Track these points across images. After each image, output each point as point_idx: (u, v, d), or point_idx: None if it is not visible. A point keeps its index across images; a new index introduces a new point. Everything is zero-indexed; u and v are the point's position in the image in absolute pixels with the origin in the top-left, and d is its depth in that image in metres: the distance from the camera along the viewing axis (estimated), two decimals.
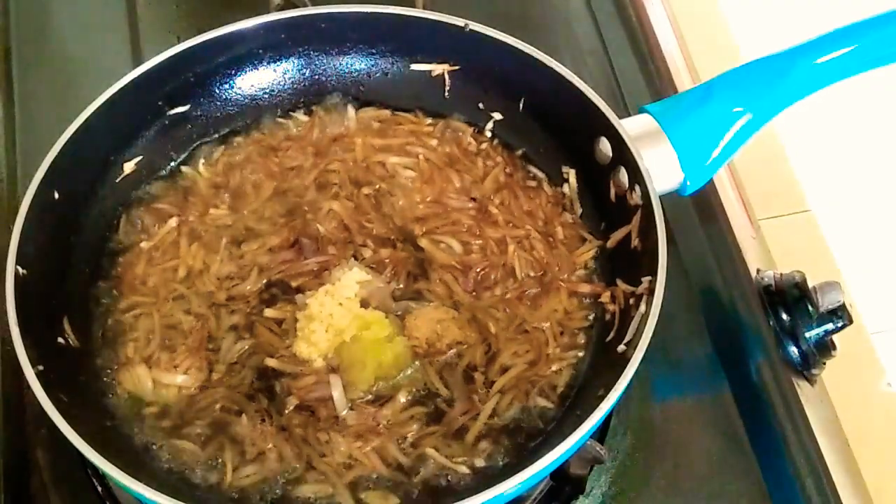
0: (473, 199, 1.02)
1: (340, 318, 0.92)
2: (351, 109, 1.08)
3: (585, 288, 0.96)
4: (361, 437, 0.88)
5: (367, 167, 1.04)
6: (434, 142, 1.06)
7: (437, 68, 1.07)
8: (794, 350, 0.99)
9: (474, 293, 0.96)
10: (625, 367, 0.82)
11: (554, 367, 0.92)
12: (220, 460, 0.87)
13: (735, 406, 1.00)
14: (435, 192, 1.03)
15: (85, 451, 0.79)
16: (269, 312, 0.95)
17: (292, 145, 1.06)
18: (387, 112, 1.08)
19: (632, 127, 0.96)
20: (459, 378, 0.91)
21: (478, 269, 0.97)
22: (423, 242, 0.99)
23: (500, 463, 0.87)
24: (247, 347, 0.93)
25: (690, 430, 0.99)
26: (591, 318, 0.95)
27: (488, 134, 1.07)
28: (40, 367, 0.82)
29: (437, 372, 0.91)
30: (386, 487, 0.86)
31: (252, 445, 0.87)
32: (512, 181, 1.04)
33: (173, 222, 1.00)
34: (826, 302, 0.95)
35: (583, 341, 0.94)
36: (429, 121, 1.08)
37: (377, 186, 1.03)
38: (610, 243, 0.97)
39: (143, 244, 0.99)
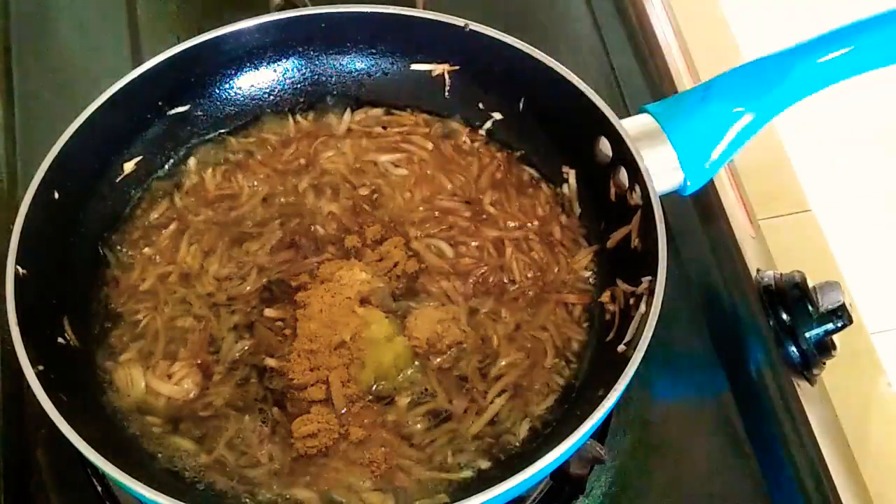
0: (468, 202, 1.02)
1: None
2: (350, 109, 1.08)
3: (572, 298, 0.96)
4: (362, 438, 0.88)
5: (360, 167, 1.04)
6: (428, 141, 1.06)
7: (437, 68, 1.07)
8: (794, 350, 0.99)
9: (474, 298, 0.96)
10: (625, 367, 0.82)
11: (552, 374, 0.92)
12: (219, 461, 0.87)
13: (735, 406, 0.99)
14: (429, 192, 1.03)
15: (85, 451, 0.79)
16: (269, 312, 0.95)
17: (291, 145, 1.06)
18: (386, 112, 1.08)
19: (632, 127, 0.96)
20: (457, 380, 0.91)
21: (477, 274, 0.97)
22: (417, 245, 0.99)
23: (500, 463, 0.87)
24: (247, 347, 0.93)
25: (690, 429, 0.99)
26: (589, 322, 0.95)
27: (483, 133, 1.07)
28: (40, 367, 0.82)
29: (437, 373, 0.91)
30: (386, 487, 0.86)
31: (251, 446, 0.87)
32: (508, 181, 1.04)
33: (173, 223, 1.00)
34: (826, 302, 0.95)
35: (581, 348, 0.94)
36: (426, 119, 1.08)
37: (374, 186, 1.03)
38: (610, 243, 0.97)
39: (144, 246, 0.99)
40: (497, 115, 1.07)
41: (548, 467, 0.80)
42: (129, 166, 1.02)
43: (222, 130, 1.07)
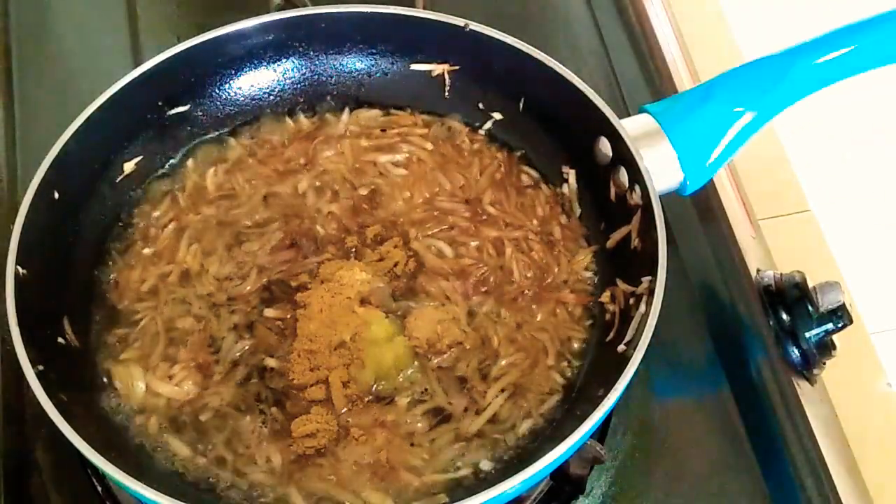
0: (468, 202, 1.02)
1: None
2: (349, 109, 1.08)
3: (572, 298, 0.96)
4: (362, 438, 0.88)
5: (360, 167, 1.04)
6: (428, 141, 1.06)
7: (437, 68, 1.07)
8: (794, 350, 0.99)
9: (474, 298, 0.96)
10: (625, 367, 0.82)
11: (552, 374, 0.92)
12: (219, 461, 0.87)
13: (735, 406, 1.00)
14: (429, 192, 1.03)
15: (85, 451, 0.79)
16: (269, 312, 0.95)
17: (291, 145, 1.06)
18: (385, 112, 1.08)
19: (632, 127, 0.96)
20: (457, 380, 0.91)
21: (477, 274, 0.97)
22: (417, 245, 0.99)
23: (501, 463, 0.87)
24: (247, 347, 0.93)
25: (690, 430, 0.99)
26: (589, 322, 0.95)
27: (483, 133, 1.07)
28: (40, 367, 0.82)
29: (437, 373, 0.91)
30: (386, 487, 0.86)
31: (251, 446, 0.88)
32: (508, 181, 1.04)
33: (173, 223, 1.00)
34: (826, 302, 0.95)
35: (581, 348, 0.94)
36: (425, 119, 1.08)
37: (373, 186, 1.03)
38: (610, 243, 0.97)
39: (144, 247, 0.99)
40: (497, 115, 1.07)
41: (548, 467, 0.80)
42: (129, 166, 1.02)
43: (222, 130, 1.07)
